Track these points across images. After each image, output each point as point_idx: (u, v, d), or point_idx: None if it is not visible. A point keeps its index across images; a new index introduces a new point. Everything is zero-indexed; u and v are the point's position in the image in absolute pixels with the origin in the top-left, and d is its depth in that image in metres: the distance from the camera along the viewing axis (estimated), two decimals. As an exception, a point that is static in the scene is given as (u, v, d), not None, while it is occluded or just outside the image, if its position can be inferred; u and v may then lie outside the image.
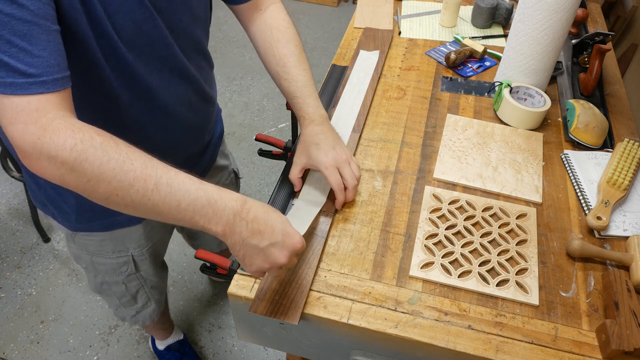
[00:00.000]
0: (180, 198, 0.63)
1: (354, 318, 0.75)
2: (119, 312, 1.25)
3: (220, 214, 0.65)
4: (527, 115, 1.05)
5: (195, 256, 0.94)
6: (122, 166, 0.62)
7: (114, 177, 0.61)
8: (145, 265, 1.11)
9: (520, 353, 0.71)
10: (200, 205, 0.64)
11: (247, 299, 0.77)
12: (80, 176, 0.61)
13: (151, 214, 0.65)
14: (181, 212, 0.64)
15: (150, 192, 0.62)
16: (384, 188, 0.94)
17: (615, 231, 0.88)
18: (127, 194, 0.62)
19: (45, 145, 0.59)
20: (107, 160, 0.61)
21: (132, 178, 0.62)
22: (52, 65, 0.61)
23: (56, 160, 0.60)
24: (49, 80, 0.61)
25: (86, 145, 0.60)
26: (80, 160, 0.60)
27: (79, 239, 1.02)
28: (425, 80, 1.20)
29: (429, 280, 0.80)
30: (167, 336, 1.57)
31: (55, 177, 0.62)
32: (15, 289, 1.80)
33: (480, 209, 0.90)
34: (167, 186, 0.63)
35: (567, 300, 0.78)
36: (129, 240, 1.04)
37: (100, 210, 0.89)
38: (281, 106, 2.62)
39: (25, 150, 0.60)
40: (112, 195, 0.62)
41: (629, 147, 0.99)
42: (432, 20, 1.43)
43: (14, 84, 0.59)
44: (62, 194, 0.92)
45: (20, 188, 2.12)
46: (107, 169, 0.61)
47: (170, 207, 0.63)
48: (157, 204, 0.63)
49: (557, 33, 1.04)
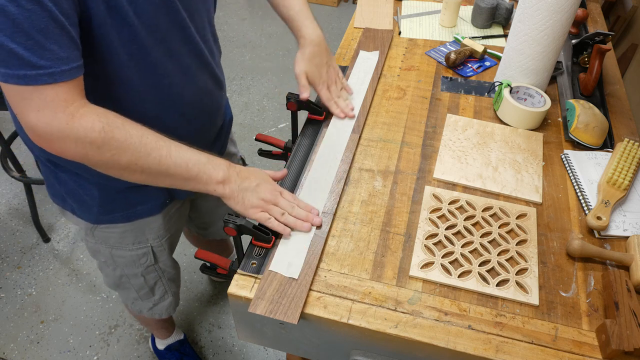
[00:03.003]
0: (187, 160, 0.78)
1: (354, 318, 0.75)
2: (135, 306, 1.25)
3: (218, 167, 0.81)
4: (527, 115, 1.05)
5: (195, 256, 0.94)
6: (141, 140, 0.74)
7: (135, 149, 0.74)
8: (163, 256, 1.13)
9: (520, 353, 0.71)
10: (203, 163, 0.80)
11: (247, 299, 0.77)
12: (104, 152, 0.72)
13: (164, 176, 0.78)
14: (189, 171, 0.78)
15: (165, 158, 0.76)
16: (384, 188, 0.94)
17: (615, 231, 0.88)
18: (146, 162, 0.75)
19: (73, 129, 0.69)
20: (129, 136, 0.73)
21: (149, 148, 0.75)
22: (62, 58, 0.67)
23: (84, 141, 0.70)
24: (57, 72, 0.67)
25: (112, 127, 0.72)
26: (107, 139, 0.71)
27: (99, 233, 1.03)
28: (425, 80, 1.20)
29: (429, 280, 0.80)
30: (168, 335, 1.57)
31: (78, 155, 0.72)
32: (15, 289, 1.80)
33: (480, 209, 0.90)
34: (177, 152, 0.77)
35: (567, 300, 0.78)
36: (148, 230, 1.05)
37: (122, 201, 0.96)
38: (281, 106, 2.62)
39: (50, 134, 0.69)
40: (132, 164, 0.74)
41: (629, 147, 0.99)
42: (432, 20, 1.43)
43: (26, 75, 0.65)
44: (84, 186, 0.93)
45: (20, 188, 2.12)
46: (129, 143, 0.73)
47: (181, 168, 0.78)
48: (170, 167, 0.77)
49: (557, 33, 1.04)
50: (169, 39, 0.82)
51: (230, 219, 0.82)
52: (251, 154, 2.34)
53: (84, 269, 1.87)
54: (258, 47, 3.06)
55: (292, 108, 1.05)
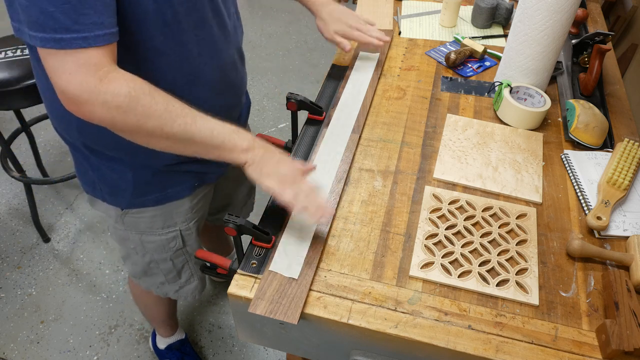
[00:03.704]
0: (212, 128, 0.79)
1: (354, 318, 0.75)
2: (161, 289, 1.25)
3: (243, 137, 0.82)
4: (527, 115, 1.05)
5: (195, 256, 0.94)
6: (167, 106, 0.76)
7: (160, 115, 0.75)
8: (191, 239, 1.15)
9: (520, 353, 0.71)
10: (228, 132, 0.81)
11: (247, 299, 0.77)
12: (130, 116, 0.73)
13: (189, 144, 0.79)
14: (214, 139, 0.79)
15: (190, 125, 0.77)
16: (384, 188, 0.94)
17: (615, 231, 0.88)
18: (171, 128, 0.76)
19: (101, 93, 0.71)
20: (155, 102, 0.75)
21: (175, 115, 0.76)
22: (96, 23, 0.69)
23: (110, 105, 0.72)
24: (91, 36, 0.69)
25: (138, 92, 0.73)
26: (133, 104, 0.73)
27: (129, 219, 1.04)
28: (425, 80, 1.20)
29: (429, 280, 0.80)
30: (171, 333, 1.57)
31: (105, 119, 0.74)
32: (15, 289, 1.80)
33: (480, 209, 0.90)
34: (202, 121, 0.79)
35: (567, 300, 0.78)
36: (177, 214, 1.07)
37: (155, 184, 0.98)
38: (281, 106, 2.62)
39: (79, 97, 0.71)
40: (158, 130, 0.76)
41: (629, 147, 0.99)
42: (432, 20, 1.43)
43: (62, 39, 0.68)
44: (118, 169, 0.95)
45: (20, 188, 2.12)
46: (155, 109, 0.75)
47: (206, 135, 0.79)
48: (195, 134, 0.78)
49: (557, 33, 1.04)
50: (199, 9, 0.84)
51: (230, 219, 0.81)
52: (251, 154, 2.34)
53: (84, 269, 1.87)
54: (258, 47, 3.06)
55: (292, 108, 1.06)
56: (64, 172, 2.14)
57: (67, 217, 2.04)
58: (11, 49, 1.59)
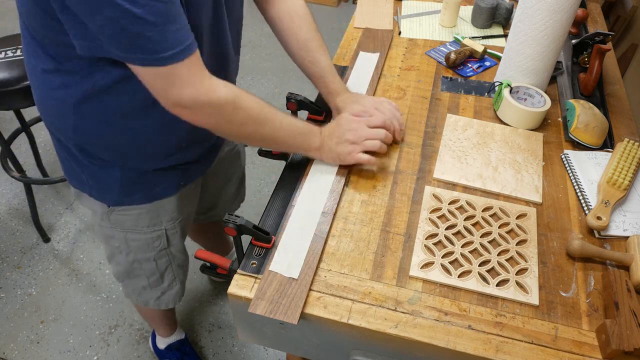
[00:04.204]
0: (294, 129, 0.92)
1: (354, 318, 0.75)
2: (142, 296, 1.26)
3: (315, 136, 0.94)
4: (527, 115, 1.05)
5: (195, 256, 0.94)
6: (261, 110, 0.86)
7: (256, 120, 0.86)
8: (175, 240, 1.16)
9: (520, 353, 0.71)
10: (305, 133, 0.93)
11: (247, 299, 0.77)
12: (233, 123, 0.84)
13: (274, 143, 0.94)
14: (296, 138, 0.92)
15: (278, 129, 0.89)
16: (384, 188, 0.94)
17: (615, 231, 0.88)
18: (264, 131, 0.87)
19: (213, 101, 0.79)
20: (251, 108, 0.84)
21: (267, 119, 0.87)
22: (184, 34, 0.74)
23: (218, 112, 0.81)
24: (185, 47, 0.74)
25: (240, 99, 0.83)
26: (236, 110, 0.82)
27: (115, 216, 1.05)
28: (425, 80, 1.20)
29: (429, 280, 0.80)
30: (170, 333, 1.57)
31: (211, 125, 0.84)
32: (15, 289, 1.80)
33: (480, 209, 0.90)
34: (286, 124, 0.90)
35: (567, 300, 0.78)
36: (163, 212, 1.08)
37: (143, 183, 1.00)
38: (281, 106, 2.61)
39: (191, 106, 0.79)
40: (253, 132, 0.87)
41: (629, 147, 0.99)
42: (432, 20, 1.43)
43: (163, 58, 0.73)
44: (106, 168, 0.96)
45: (20, 188, 2.12)
46: (252, 114, 0.85)
47: (289, 138, 0.92)
48: (280, 136, 0.90)
49: (557, 33, 1.04)
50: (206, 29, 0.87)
51: (230, 219, 0.81)
52: (251, 154, 2.34)
53: (84, 269, 1.87)
54: (258, 47, 3.06)
55: (292, 108, 1.06)
56: (64, 172, 2.14)
57: (67, 217, 2.04)
58: (11, 49, 1.59)
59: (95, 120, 0.87)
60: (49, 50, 0.81)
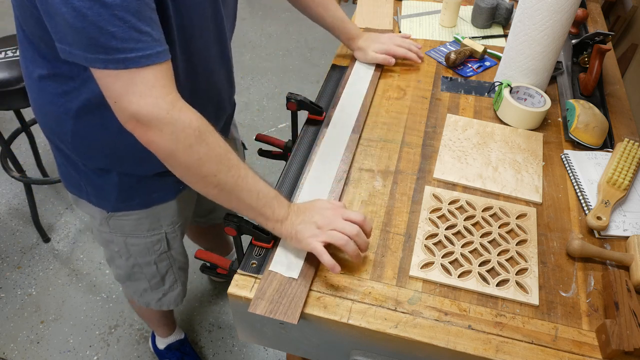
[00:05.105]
0: (259, 189, 0.77)
1: (354, 318, 0.75)
2: (143, 298, 1.25)
3: (281, 206, 0.80)
4: (527, 115, 1.05)
5: (195, 256, 0.94)
6: (227, 152, 0.74)
7: (219, 160, 0.73)
8: (175, 243, 1.15)
9: (520, 353, 0.71)
10: (271, 197, 0.79)
11: (247, 299, 0.77)
12: (193, 152, 0.71)
13: (233, 199, 0.77)
14: (258, 201, 0.77)
15: (241, 180, 0.75)
16: (384, 188, 0.94)
17: (615, 231, 0.88)
18: (224, 177, 0.74)
19: (173, 120, 0.68)
20: (218, 146, 0.73)
21: (231, 164, 0.74)
22: (156, 39, 0.68)
23: (179, 135, 0.69)
24: (154, 53, 0.67)
25: (206, 128, 0.72)
26: (200, 139, 0.71)
27: (114, 222, 1.04)
28: (425, 80, 1.20)
29: (429, 280, 0.80)
30: (169, 333, 1.57)
31: (167, 150, 0.71)
32: (15, 289, 1.80)
33: (480, 209, 0.90)
34: (252, 178, 0.77)
35: (567, 300, 0.78)
36: (163, 216, 1.07)
37: (141, 189, 0.98)
38: (281, 106, 2.62)
39: (150, 120, 0.68)
40: (212, 175, 0.73)
41: (629, 147, 0.99)
42: (432, 20, 1.43)
43: (126, 59, 0.65)
44: (103, 175, 0.94)
45: (20, 188, 2.12)
46: (217, 152, 0.73)
47: (252, 195, 0.77)
48: (243, 190, 0.76)
49: (557, 33, 1.04)
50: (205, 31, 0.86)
51: (230, 219, 0.81)
52: (251, 154, 2.34)
53: (84, 269, 1.87)
54: (258, 47, 3.06)
55: (292, 108, 1.06)
56: (64, 172, 2.14)
57: (67, 217, 2.04)
58: (11, 49, 1.59)
59: (93, 128, 0.86)
60: (45, 53, 0.79)
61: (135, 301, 1.29)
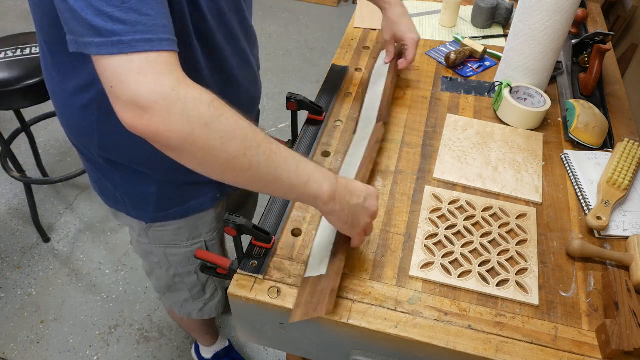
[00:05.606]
0: (297, 161, 0.66)
1: (354, 318, 0.75)
2: (185, 308, 1.23)
3: (326, 177, 0.68)
4: (527, 115, 1.05)
5: (195, 256, 0.94)
6: (251, 127, 0.62)
7: (246, 135, 0.61)
8: (215, 250, 1.12)
9: (520, 353, 0.71)
10: (312, 170, 0.67)
11: (247, 299, 0.77)
12: (212, 132, 0.58)
13: (269, 178, 0.64)
14: (298, 176, 0.65)
15: (275, 154, 0.63)
16: (384, 188, 0.94)
17: (615, 231, 0.88)
18: (255, 154, 0.61)
19: (181, 97, 0.57)
20: (240, 119, 0.61)
21: (260, 139, 0.62)
22: (159, 25, 0.59)
23: (191, 114, 0.57)
24: (155, 39, 0.58)
25: (221, 103, 0.60)
26: (217, 115, 0.59)
27: (153, 232, 1.02)
28: (425, 80, 1.20)
29: (429, 280, 0.80)
30: (213, 342, 1.54)
31: (181, 135, 0.58)
32: (15, 289, 1.80)
33: (480, 209, 0.90)
34: (285, 150, 0.65)
35: (567, 300, 0.78)
36: (202, 225, 1.04)
37: (178, 197, 0.95)
38: (281, 106, 2.62)
39: (153, 103, 0.56)
40: (240, 155, 0.61)
41: (629, 147, 0.99)
42: (432, 20, 1.43)
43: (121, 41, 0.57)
44: (141, 185, 0.92)
45: (20, 188, 2.12)
46: (240, 127, 0.61)
47: (290, 170, 0.65)
48: (279, 166, 0.64)
49: (557, 33, 1.04)
50: (229, 22, 0.82)
51: (230, 219, 0.81)
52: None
53: (84, 269, 1.87)
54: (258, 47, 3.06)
55: (292, 108, 1.06)
56: (64, 172, 2.14)
57: (67, 217, 2.04)
58: (11, 49, 1.59)
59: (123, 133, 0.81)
60: (65, 59, 0.75)
61: (175, 312, 1.26)
